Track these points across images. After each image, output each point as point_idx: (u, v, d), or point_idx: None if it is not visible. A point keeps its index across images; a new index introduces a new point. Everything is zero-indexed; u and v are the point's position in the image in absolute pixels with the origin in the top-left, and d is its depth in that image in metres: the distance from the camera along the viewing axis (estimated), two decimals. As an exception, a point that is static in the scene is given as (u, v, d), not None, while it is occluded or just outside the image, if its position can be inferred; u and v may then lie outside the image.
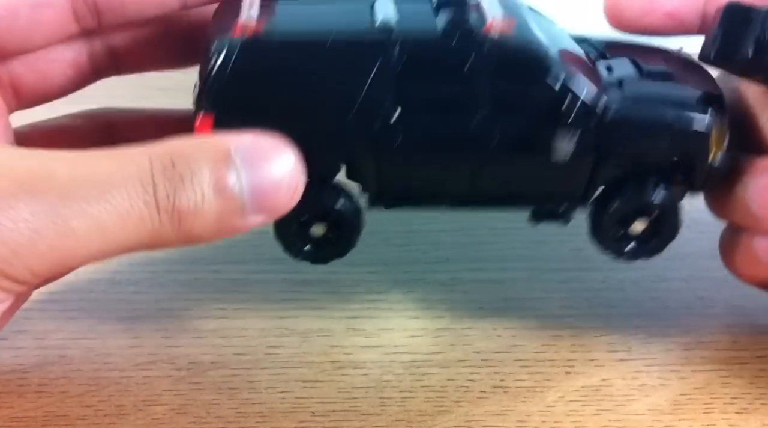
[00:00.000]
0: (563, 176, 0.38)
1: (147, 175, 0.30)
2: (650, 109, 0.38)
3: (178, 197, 0.30)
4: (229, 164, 0.31)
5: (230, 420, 0.39)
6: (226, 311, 0.46)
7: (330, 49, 0.35)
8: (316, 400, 0.40)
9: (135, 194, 0.29)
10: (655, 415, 0.39)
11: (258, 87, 0.35)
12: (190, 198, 0.30)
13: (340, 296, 0.49)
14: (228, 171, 0.31)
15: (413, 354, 0.43)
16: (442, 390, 0.41)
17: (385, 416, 0.39)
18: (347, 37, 0.36)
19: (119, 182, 0.29)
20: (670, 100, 0.38)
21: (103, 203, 0.29)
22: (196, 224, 0.31)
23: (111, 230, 0.29)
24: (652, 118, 0.38)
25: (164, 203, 0.30)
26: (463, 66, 0.35)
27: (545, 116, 0.37)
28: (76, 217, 0.29)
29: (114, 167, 0.30)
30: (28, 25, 0.36)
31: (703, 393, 0.41)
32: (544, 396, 0.41)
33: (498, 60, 0.36)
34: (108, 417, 0.39)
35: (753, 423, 0.39)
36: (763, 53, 0.37)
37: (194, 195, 0.30)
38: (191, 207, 0.30)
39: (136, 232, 0.30)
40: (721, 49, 0.37)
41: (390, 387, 0.41)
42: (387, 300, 0.47)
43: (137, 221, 0.30)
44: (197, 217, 0.30)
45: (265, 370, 0.42)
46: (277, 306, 0.46)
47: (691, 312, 0.47)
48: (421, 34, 0.36)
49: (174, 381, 0.41)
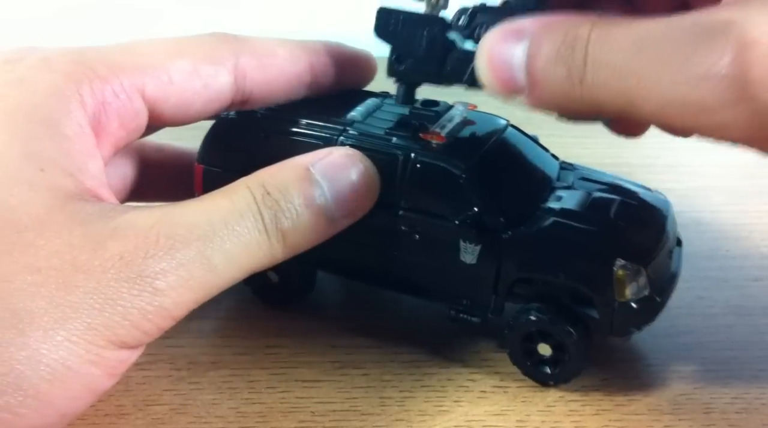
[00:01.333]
0: (467, 281, 0.41)
1: (254, 206, 0.35)
2: (554, 239, 0.40)
3: (279, 221, 0.35)
4: (311, 180, 0.36)
5: (230, 420, 0.39)
6: (226, 311, 0.46)
7: (291, 125, 0.42)
8: (316, 400, 0.40)
9: (251, 225, 0.34)
10: (655, 415, 0.39)
11: (226, 149, 0.44)
12: (288, 218, 0.35)
13: (339, 296, 0.49)
14: (311, 186, 0.36)
15: (413, 354, 0.43)
16: (442, 390, 0.41)
17: (385, 416, 0.39)
18: (311, 119, 0.42)
19: (238, 217, 0.34)
20: (585, 238, 0.39)
21: (233, 238, 0.34)
22: (298, 238, 0.36)
23: (241, 259, 0.34)
24: (549, 247, 0.39)
25: (271, 228, 0.35)
26: (390, 161, 0.40)
27: (449, 225, 0.40)
28: (217, 255, 0.33)
29: (228, 205, 0.35)
30: (195, 115, 0.40)
31: (703, 393, 0.41)
32: (544, 396, 0.41)
33: (418, 162, 0.40)
34: (108, 417, 0.39)
35: (753, 423, 0.39)
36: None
37: (290, 215, 0.35)
38: (291, 226, 0.35)
39: (258, 257, 0.35)
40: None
41: (390, 387, 0.41)
42: (387, 300, 0.47)
43: (257, 247, 0.35)
44: (297, 232, 0.36)
45: (265, 370, 0.42)
46: (277, 306, 0.46)
47: (691, 312, 0.47)
48: (368, 128, 0.42)
49: (174, 381, 0.41)
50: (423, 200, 0.40)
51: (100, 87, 0.36)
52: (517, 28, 0.32)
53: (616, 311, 0.39)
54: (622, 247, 0.39)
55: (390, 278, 0.43)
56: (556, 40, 0.31)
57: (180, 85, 0.38)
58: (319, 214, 0.36)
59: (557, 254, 0.39)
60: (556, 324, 0.40)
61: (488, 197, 0.40)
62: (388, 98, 0.45)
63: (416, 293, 0.43)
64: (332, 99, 0.45)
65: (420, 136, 0.41)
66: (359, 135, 0.41)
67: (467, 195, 0.40)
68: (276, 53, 0.41)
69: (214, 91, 0.39)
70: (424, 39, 0.40)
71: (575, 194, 0.42)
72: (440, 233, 0.40)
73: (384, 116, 0.44)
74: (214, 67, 0.39)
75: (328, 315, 0.46)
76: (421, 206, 0.40)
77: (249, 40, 0.41)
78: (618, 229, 0.40)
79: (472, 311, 0.42)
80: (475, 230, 0.39)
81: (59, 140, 0.34)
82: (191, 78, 0.38)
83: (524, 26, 0.32)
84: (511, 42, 0.32)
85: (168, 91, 0.38)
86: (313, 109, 0.43)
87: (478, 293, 0.41)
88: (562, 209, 0.41)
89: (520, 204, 0.41)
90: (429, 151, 0.40)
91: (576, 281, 0.39)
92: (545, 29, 0.31)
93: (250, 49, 0.40)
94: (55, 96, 0.35)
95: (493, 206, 0.40)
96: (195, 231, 0.33)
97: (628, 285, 0.38)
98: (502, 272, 0.40)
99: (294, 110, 0.43)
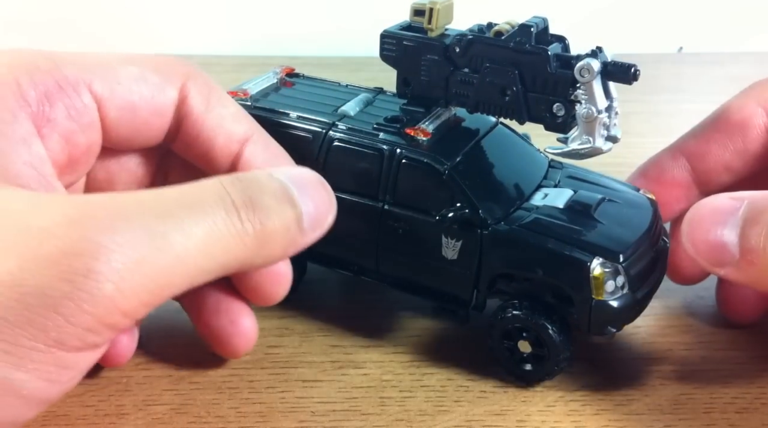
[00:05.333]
0: (450, 276, 0.41)
1: (220, 188, 0.31)
2: (534, 236, 0.39)
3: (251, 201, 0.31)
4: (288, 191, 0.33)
5: (230, 420, 0.39)
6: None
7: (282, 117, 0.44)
8: (316, 400, 0.40)
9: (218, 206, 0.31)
10: (655, 415, 0.39)
11: None
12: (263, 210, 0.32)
13: (340, 296, 0.49)
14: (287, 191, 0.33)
15: (413, 354, 0.43)
16: (442, 390, 0.41)
17: (385, 416, 0.39)
18: (303, 112, 0.44)
19: (206, 203, 0.30)
20: (564, 235, 0.39)
21: (197, 220, 0.30)
22: (271, 238, 0.32)
23: (207, 242, 0.30)
24: (528, 244, 0.39)
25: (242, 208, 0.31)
26: (376, 155, 0.42)
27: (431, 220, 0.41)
28: (174, 232, 0.29)
29: (197, 193, 0.31)
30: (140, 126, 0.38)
31: (703, 393, 0.41)
32: (544, 396, 0.41)
33: (403, 158, 0.41)
34: (108, 417, 0.39)
35: (753, 422, 0.39)
36: None
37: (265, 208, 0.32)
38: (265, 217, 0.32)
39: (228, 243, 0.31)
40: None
41: (390, 387, 0.41)
42: (387, 300, 0.47)
43: (225, 231, 0.30)
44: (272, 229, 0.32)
45: (265, 370, 0.42)
46: (277, 306, 0.46)
47: (691, 312, 0.47)
48: (357, 122, 0.43)
49: (174, 381, 0.41)
50: (407, 195, 0.41)
51: (42, 78, 0.34)
52: (727, 208, 0.34)
53: (592, 310, 0.39)
54: (600, 245, 0.39)
55: (376, 271, 0.43)
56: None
57: (127, 86, 0.37)
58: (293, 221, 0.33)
59: (535, 251, 0.39)
60: (533, 320, 0.40)
61: (470, 193, 0.40)
62: (382, 95, 0.46)
63: (400, 287, 0.43)
64: (326, 94, 0.46)
65: (405, 131, 0.42)
66: (348, 129, 0.42)
67: (450, 191, 0.40)
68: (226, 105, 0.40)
69: (160, 103, 0.38)
70: (425, 63, 0.42)
71: (560, 192, 0.42)
72: (423, 228, 0.41)
73: (375, 111, 0.45)
74: (161, 78, 0.38)
75: (328, 315, 0.46)
76: (405, 200, 0.41)
77: (200, 72, 0.40)
78: (598, 227, 0.40)
79: (455, 307, 0.42)
80: (457, 226, 0.40)
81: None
82: (138, 82, 0.37)
83: (733, 205, 0.34)
84: (721, 222, 0.34)
85: (116, 90, 0.36)
86: (306, 103, 0.45)
87: (459, 288, 0.42)
88: (544, 206, 0.41)
89: (503, 201, 0.41)
90: (415, 147, 0.41)
91: (553, 278, 0.39)
92: (759, 210, 0.33)
93: (199, 80, 0.39)
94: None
95: (474, 203, 0.40)
96: (146, 206, 0.29)
97: (604, 284, 0.38)
98: (483, 268, 0.40)
99: (287, 103, 0.44)
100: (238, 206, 0.31)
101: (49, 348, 0.26)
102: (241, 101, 0.44)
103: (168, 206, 0.29)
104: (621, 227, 0.41)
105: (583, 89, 0.38)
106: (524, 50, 0.39)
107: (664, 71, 0.84)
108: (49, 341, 0.26)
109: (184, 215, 0.29)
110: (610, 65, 0.38)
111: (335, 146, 0.42)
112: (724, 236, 0.34)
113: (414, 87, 0.43)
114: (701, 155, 0.44)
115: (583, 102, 0.38)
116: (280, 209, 0.32)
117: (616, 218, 0.41)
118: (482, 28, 0.41)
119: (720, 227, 0.34)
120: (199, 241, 0.29)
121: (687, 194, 0.44)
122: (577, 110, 0.38)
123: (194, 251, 0.29)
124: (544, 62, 0.38)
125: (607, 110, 0.39)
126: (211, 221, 0.30)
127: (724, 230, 0.34)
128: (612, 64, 0.38)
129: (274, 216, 0.32)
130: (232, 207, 0.31)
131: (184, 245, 0.29)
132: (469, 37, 0.40)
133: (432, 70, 0.42)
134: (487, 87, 0.40)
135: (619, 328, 0.40)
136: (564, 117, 0.39)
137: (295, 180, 0.34)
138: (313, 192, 0.34)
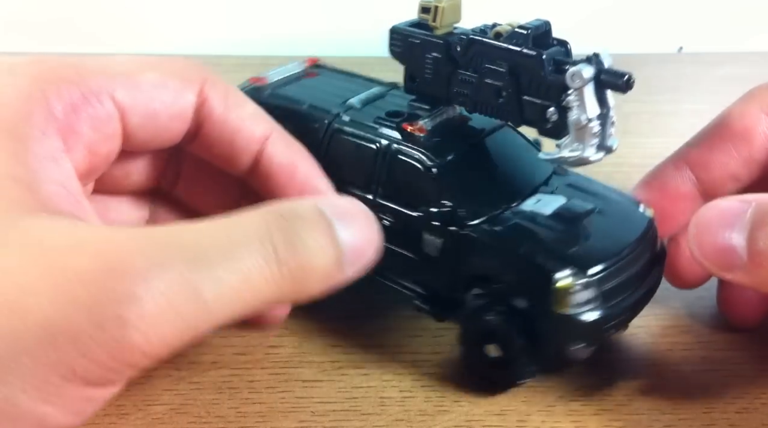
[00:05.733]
0: (430, 273, 0.41)
1: (266, 234, 0.30)
2: (507, 240, 0.39)
3: (298, 253, 0.31)
4: (331, 229, 0.32)
5: (230, 420, 0.39)
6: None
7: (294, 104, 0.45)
8: (316, 400, 0.40)
9: (257, 252, 0.30)
10: (655, 415, 0.39)
11: None
12: (304, 253, 0.31)
13: (339, 296, 0.49)
14: (330, 229, 0.32)
15: (413, 354, 0.43)
16: (442, 390, 0.41)
17: (385, 416, 0.39)
18: (314, 101, 0.45)
19: (245, 247, 0.30)
20: (539, 242, 0.39)
21: (233, 268, 0.29)
22: (309, 279, 0.31)
23: (240, 291, 0.29)
24: (500, 247, 0.39)
25: (284, 256, 0.30)
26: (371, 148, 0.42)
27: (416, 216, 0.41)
28: (207, 281, 0.28)
29: (238, 232, 0.30)
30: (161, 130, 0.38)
31: (703, 393, 0.41)
32: (544, 396, 0.41)
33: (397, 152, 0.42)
34: (108, 417, 0.39)
35: (753, 423, 0.39)
36: None
37: (307, 251, 0.31)
38: (306, 261, 0.31)
39: (261, 291, 0.30)
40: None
41: (390, 387, 0.41)
42: (387, 300, 0.47)
43: (261, 279, 0.30)
44: (310, 271, 0.31)
45: (265, 370, 0.42)
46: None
47: (691, 312, 0.47)
48: (361, 115, 0.44)
49: (174, 381, 0.41)
50: (396, 189, 0.42)
51: (68, 90, 0.34)
52: (735, 211, 0.34)
53: (552, 322, 0.38)
54: (573, 255, 0.38)
55: None
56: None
57: (148, 93, 0.37)
58: (333, 257, 0.32)
59: (505, 255, 0.39)
60: (498, 324, 0.39)
61: (457, 193, 0.40)
62: (395, 90, 0.47)
63: (386, 279, 0.43)
64: (343, 86, 0.47)
65: (402, 127, 0.42)
66: (350, 121, 0.43)
67: (437, 189, 0.41)
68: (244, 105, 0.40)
69: (180, 108, 0.38)
70: (429, 61, 0.42)
71: (552, 199, 0.42)
72: (408, 224, 0.41)
73: (383, 105, 0.45)
74: (180, 83, 0.38)
75: (328, 315, 0.46)
76: (394, 194, 0.42)
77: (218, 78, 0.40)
78: (578, 238, 0.40)
79: (433, 304, 0.42)
80: (439, 224, 0.40)
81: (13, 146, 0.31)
82: (158, 88, 0.37)
83: (741, 208, 0.34)
84: (729, 226, 0.34)
85: (137, 98, 0.36)
86: (323, 93, 0.46)
87: (439, 286, 0.42)
88: (531, 212, 0.41)
89: (488, 203, 0.41)
90: (411, 143, 0.42)
91: (519, 284, 0.39)
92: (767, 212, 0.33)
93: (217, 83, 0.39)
94: (18, 100, 0.33)
95: (459, 203, 0.40)
96: (184, 249, 0.29)
97: (568, 297, 0.37)
98: (461, 267, 0.40)
99: (304, 92, 0.46)
100: (279, 251, 0.30)
101: (76, 385, 0.28)
102: (255, 87, 0.46)
103: (205, 249, 0.29)
104: (605, 239, 0.40)
105: (575, 96, 0.37)
106: (520, 53, 0.39)
107: (664, 71, 0.84)
108: (76, 379, 0.27)
109: (219, 260, 0.29)
110: (603, 73, 0.37)
111: (336, 136, 0.43)
112: (732, 239, 0.33)
113: (419, 84, 0.43)
114: (705, 165, 0.43)
115: (574, 108, 0.37)
116: (322, 252, 0.31)
117: (603, 230, 0.40)
118: (485, 29, 0.41)
119: (728, 230, 0.33)
120: (231, 290, 0.29)
121: (692, 207, 0.43)
122: (568, 117, 0.38)
123: (226, 298, 0.29)
124: (539, 66, 0.38)
125: (601, 118, 0.38)
126: (247, 269, 0.29)
127: (732, 234, 0.33)
128: (605, 71, 0.37)
129: (314, 259, 0.31)
130: (272, 253, 0.30)
131: (216, 294, 0.29)
132: (470, 36, 0.40)
133: (435, 68, 0.42)
134: (484, 88, 0.40)
135: (588, 344, 0.39)
136: (556, 122, 0.39)
137: (340, 214, 0.32)
138: (356, 228, 0.33)
